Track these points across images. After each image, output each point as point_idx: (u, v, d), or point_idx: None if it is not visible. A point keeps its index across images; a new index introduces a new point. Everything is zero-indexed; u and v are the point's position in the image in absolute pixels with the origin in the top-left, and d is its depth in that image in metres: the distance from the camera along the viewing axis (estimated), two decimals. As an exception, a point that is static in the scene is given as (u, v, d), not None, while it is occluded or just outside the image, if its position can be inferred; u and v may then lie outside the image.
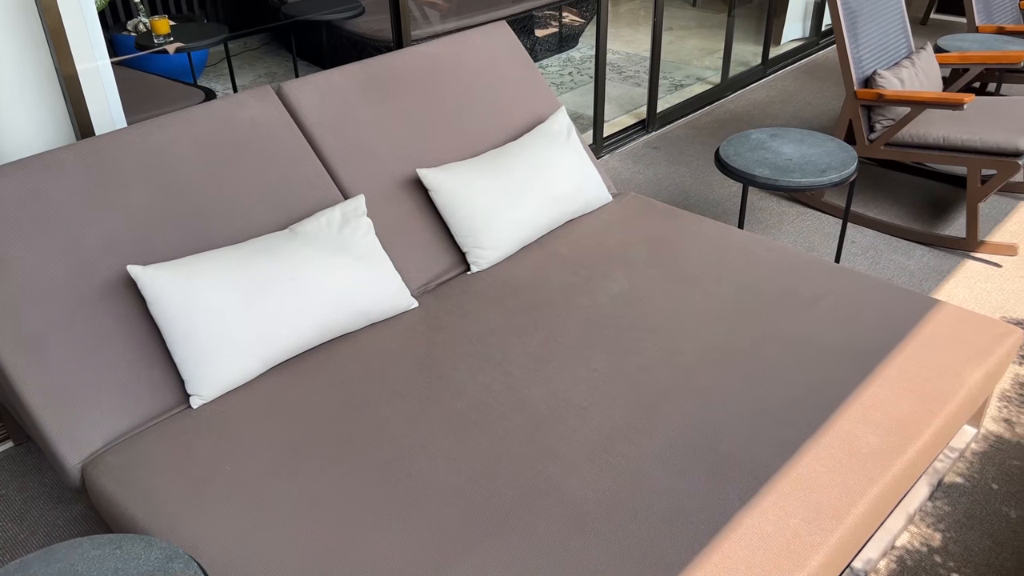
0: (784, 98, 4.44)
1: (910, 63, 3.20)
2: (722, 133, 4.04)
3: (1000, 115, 3.02)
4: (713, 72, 4.78)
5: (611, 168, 3.73)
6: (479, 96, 2.47)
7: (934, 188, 3.45)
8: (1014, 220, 3.18)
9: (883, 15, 3.26)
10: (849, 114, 3.10)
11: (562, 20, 5.02)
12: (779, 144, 2.66)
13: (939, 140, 2.93)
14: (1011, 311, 2.65)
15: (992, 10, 3.88)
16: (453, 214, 2.17)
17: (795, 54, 5.06)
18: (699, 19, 5.77)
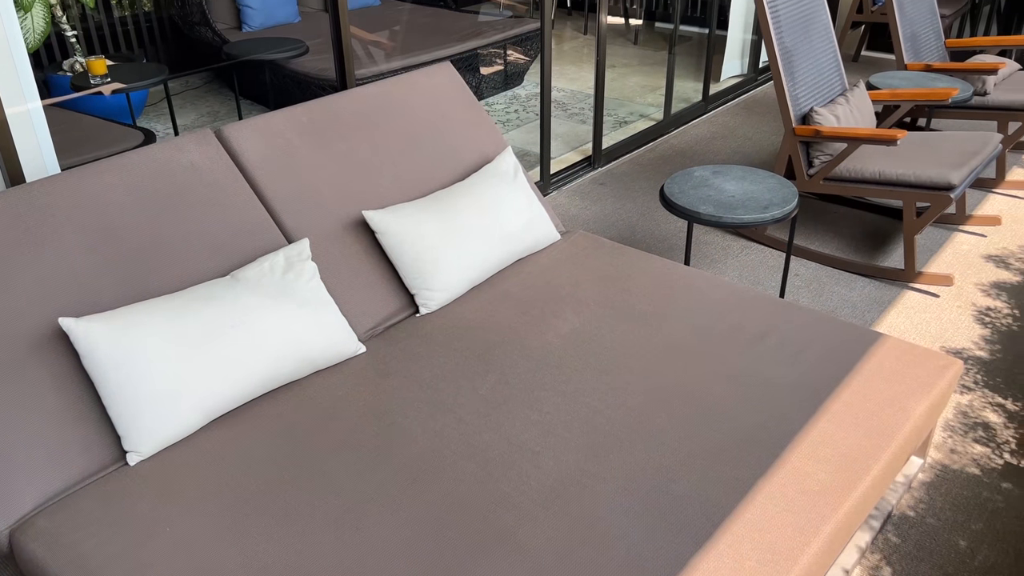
0: (725, 133, 4.54)
1: (845, 100, 3.30)
2: (666, 168, 4.10)
3: (932, 150, 3.12)
4: (656, 109, 4.87)
5: (559, 205, 3.75)
6: (425, 137, 2.46)
7: (873, 220, 3.55)
8: (949, 251, 3.28)
9: (817, 54, 3.36)
10: (788, 150, 3.18)
11: (507, 58, 5.07)
12: (722, 181, 2.70)
13: (875, 175, 3.02)
14: (950, 340, 2.72)
15: (919, 49, 4.04)
16: (401, 256, 2.14)
17: (734, 90, 5.19)
18: (641, 57, 5.89)
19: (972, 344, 2.69)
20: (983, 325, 2.79)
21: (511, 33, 4.88)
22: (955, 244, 3.33)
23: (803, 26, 3.30)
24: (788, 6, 3.23)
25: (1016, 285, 3.03)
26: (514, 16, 5.31)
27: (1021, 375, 2.54)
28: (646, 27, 6.48)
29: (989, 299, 2.95)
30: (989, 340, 2.71)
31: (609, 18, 6.61)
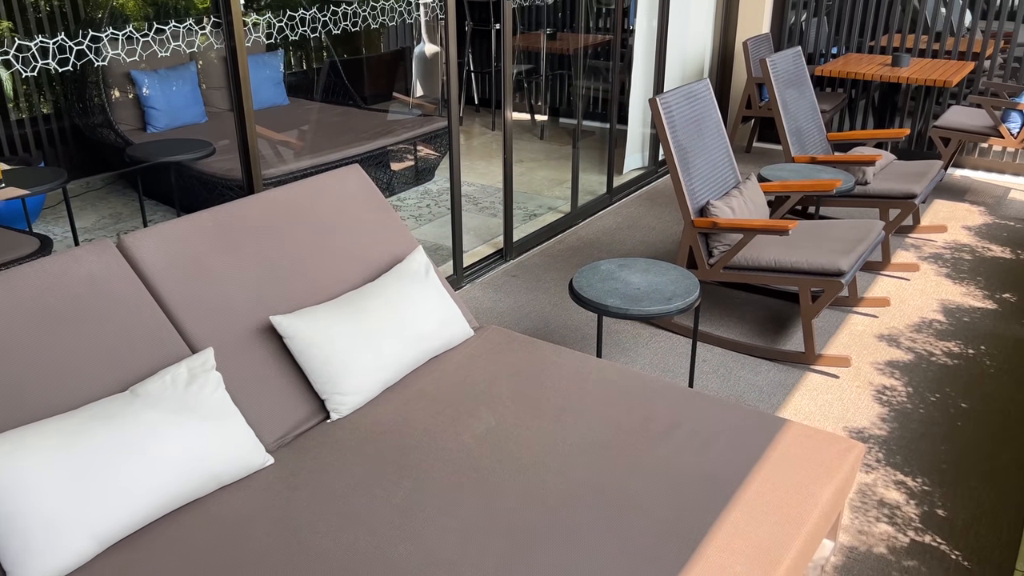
0: (630, 224, 4.71)
1: (739, 192, 3.49)
2: (576, 259, 4.21)
3: (822, 238, 3.31)
4: (563, 201, 5.02)
5: (472, 298, 3.77)
6: (334, 239, 2.46)
7: (773, 304, 3.70)
8: (845, 332, 3.44)
9: (710, 151, 3.56)
10: (689, 241, 3.31)
11: (418, 154, 5.17)
12: (627, 274, 2.79)
13: (771, 263, 3.17)
14: (851, 420, 2.82)
15: (804, 142, 4.32)
16: (310, 360, 2.10)
17: (637, 182, 5.41)
18: (547, 151, 6.10)
19: (872, 423, 2.81)
20: (881, 404, 2.92)
21: (421, 131, 4.99)
22: (850, 325, 3.50)
23: (696, 125, 3.50)
24: (681, 108, 3.43)
25: (908, 363, 3.19)
26: (424, 114, 5.44)
27: (919, 452, 2.65)
28: (551, 123, 6.73)
29: (885, 378, 3.09)
30: (887, 418, 2.83)
31: (515, 115, 6.85)
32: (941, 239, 4.38)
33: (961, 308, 3.63)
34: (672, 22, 5.37)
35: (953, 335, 3.40)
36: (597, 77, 6.18)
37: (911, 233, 4.47)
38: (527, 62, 6.61)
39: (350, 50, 5.12)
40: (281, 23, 2.79)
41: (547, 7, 4.77)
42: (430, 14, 3.91)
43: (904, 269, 4.00)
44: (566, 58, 6.57)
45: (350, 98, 5.16)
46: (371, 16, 3.18)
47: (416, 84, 5.89)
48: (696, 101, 3.56)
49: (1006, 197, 5.05)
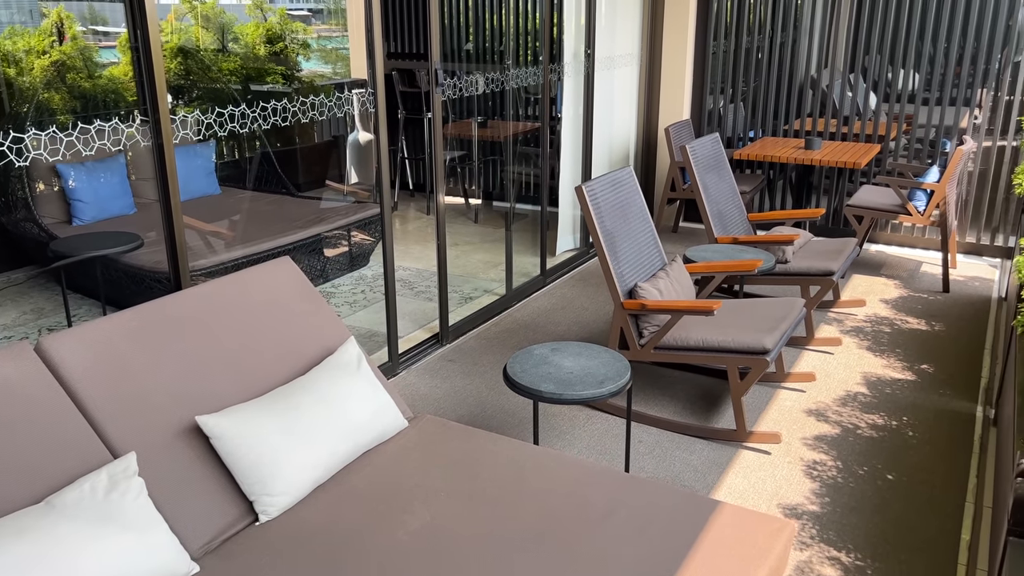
0: (564, 304, 4.78)
1: (665, 274, 3.59)
2: (512, 341, 4.23)
3: (747, 316, 3.42)
4: (499, 284, 5.07)
5: (408, 385, 3.75)
6: (264, 334, 2.44)
7: (705, 382, 3.78)
8: (774, 408, 3.52)
9: (636, 234, 3.67)
10: (620, 323, 3.38)
11: (352, 241, 5.18)
12: (560, 358, 2.82)
13: (700, 342, 3.25)
14: (784, 497, 2.87)
15: (726, 223, 4.49)
16: (237, 461, 2.05)
17: (570, 263, 5.52)
18: (481, 234, 6.19)
19: (805, 499, 2.85)
20: (812, 479, 2.98)
21: (355, 217, 5.02)
22: (779, 401, 3.58)
23: (621, 211, 3.61)
24: (606, 195, 3.55)
25: (836, 437, 3.28)
26: (358, 201, 5.48)
27: (851, 527, 2.70)
28: (485, 206, 6.86)
29: (815, 453, 3.16)
30: (819, 493, 2.89)
31: (449, 199, 6.96)
32: (861, 313, 4.57)
33: (883, 380, 3.76)
34: (597, 110, 5.59)
35: (877, 407, 3.51)
36: (528, 162, 6.36)
37: (832, 308, 4.64)
38: (460, 148, 6.76)
39: (283, 140, 5.17)
40: (210, 120, 2.81)
41: (478, 97, 4.93)
42: (362, 106, 4.00)
43: (827, 343, 4.14)
44: (498, 144, 6.74)
45: (283, 186, 5.18)
46: (301, 112, 3.24)
47: (350, 171, 5.95)
48: (620, 188, 3.69)
49: (919, 270, 5.30)
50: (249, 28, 5.75)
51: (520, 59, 6.64)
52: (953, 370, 3.85)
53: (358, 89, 4.44)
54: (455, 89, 4.30)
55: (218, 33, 5.50)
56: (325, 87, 6.19)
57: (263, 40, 5.79)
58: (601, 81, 5.59)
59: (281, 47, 5.85)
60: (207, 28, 5.30)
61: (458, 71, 7.05)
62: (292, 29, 5.98)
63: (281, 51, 5.85)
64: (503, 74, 4.83)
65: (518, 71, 4.96)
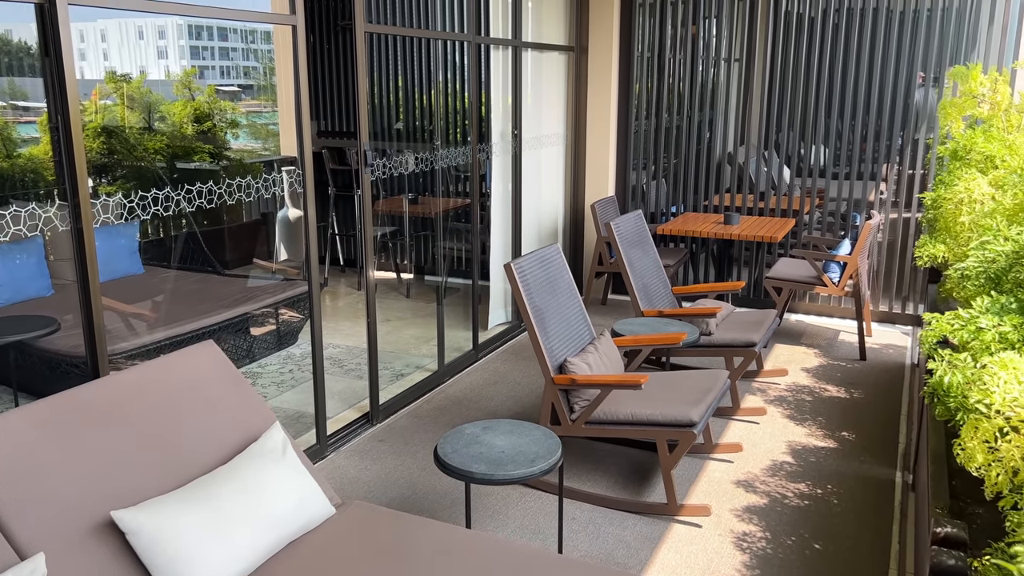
0: (497, 379, 4.78)
1: (594, 348, 3.64)
2: (444, 418, 4.20)
3: (674, 389, 3.48)
4: (431, 359, 5.05)
5: (337, 467, 3.67)
6: (185, 422, 2.37)
7: (636, 455, 3.81)
8: (704, 480, 3.56)
9: (565, 310, 3.73)
10: (551, 398, 3.40)
11: (280, 319, 5.12)
12: (491, 437, 2.82)
13: (629, 416, 3.29)
14: (716, 571, 2.88)
15: (651, 296, 4.61)
16: (155, 557, 1.97)
17: (502, 337, 5.55)
18: (413, 309, 6.19)
19: (736, 572, 2.87)
20: (742, 551, 3.01)
21: (283, 296, 4.97)
22: (708, 473, 3.63)
23: (550, 287, 3.68)
24: (535, 271, 3.61)
25: (764, 507, 3.33)
26: (286, 279, 5.44)
27: (780, 597, 2.73)
28: (417, 281, 6.88)
29: (744, 524, 3.20)
30: (750, 566, 2.91)
31: (381, 274, 6.96)
32: (784, 382, 4.70)
33: (807, 448, 3.85)
34: (525, 187, 5.72)
35: (802, 476, 3.59)
36: (459, 237, 6.43)
37: (756, 378, 4.77)
38: (392, 224, 6.80)
39: (211, 217, 5.12)
40: (132, 203, 2.78)
41: (409, 173, 5.00)
42: (292, 184, 4.01)
43: (753, 413, 4.23)
44: (429, 220, 6.81)
45: (210, 265, 5.11)
46: (227, 194, 3.23)
47: (279, 248, 5.92)
48: (549, 265, 3.76)
49: (837, 339, 5.51)
50: (177, 107, 5.74)
51: (450, 138, 6.79)
52: (872, 436, 3.98)
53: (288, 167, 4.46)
54: (384, 169, 4.36)
55: (144, 112, 5.47)
56: (254, 165, 6.20)
57: (191, 119, 5.78)
58: (528, 159, 5.74)
59: (209, 126, 5.85)
60: (132, 107, 5.27)
61: (389, 149, 7.15)
62: (221, 108, 6.00)
63: (209, 130, 5.84)
64: (432, 153, 4.92)
65: (448, 150, 5.07)
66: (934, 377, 2.11)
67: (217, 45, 6.36)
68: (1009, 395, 1.80)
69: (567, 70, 6.26)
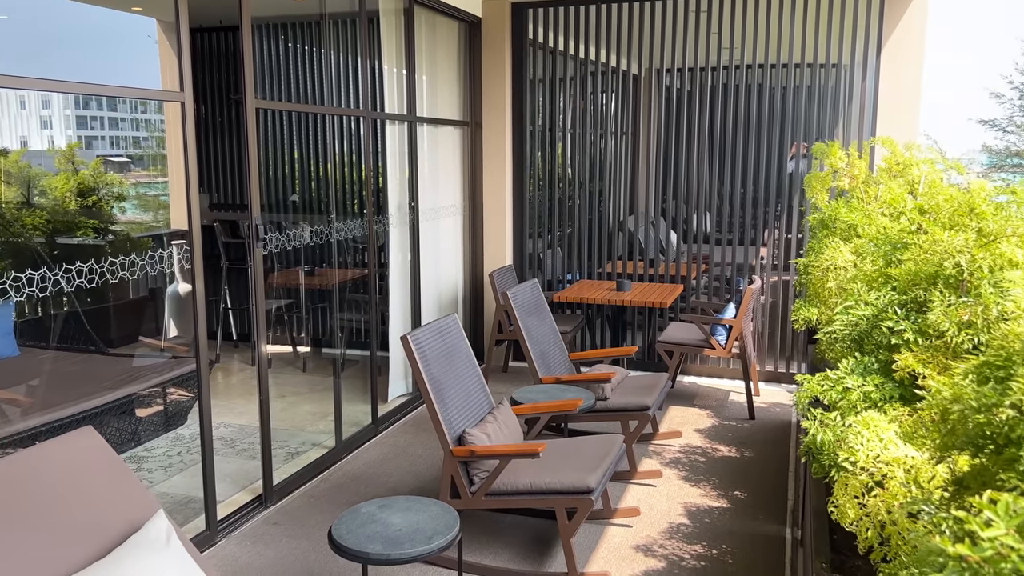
0: (397, 453, 4.71)
1: (493, 418, 3.66)
2: (342, 497, 4.10)
3: (571, 456, 3.52)
4: (328, 435, 4.94)
5: (228, 554, 3.51)
6: (60, 515, 2.24)
7: (536, 524, 3.80)
8: (603, 546, 3.59)
9: (463, 380, 3.74)
10: (450, 471, 3.38)
11: (168, 399, 4.91)
12: (388, 515, 2.77)
13: (528, 486, 3.30)
14: (616, 638, 2.89)
15: (549, 363, 4.68)
16: (21, 667, 1.83)
17: (403, 409, 5.49)
18: (310, 384, 6.06)
19: (635, 638, 2.89)
20: (641, 616, 3.03)
21: (170, 375, 4.78)
22: (608, 538, 3.66)
23: (447, 358, 3.69)
24: (432, 342, 3.62)
25: (662, 571, 3.38)
26: (175, 356, 5.25)
27: (679, 661, 2.76)
28: (314, 354, 6.75)
29: (643, 588, 3.23)
30: (649, 630, 2.94)
31: (277, 348, 6.80)
32: (678, 443, 4.82)
33: (702, 509, 3.95)
34: (424, 257, 5.77)
35: (698, 537, 3.67)
36: (358, 308, 6.38)
37: (652, 440, 4.87)
38: (288, 296, 6.69)
39: (94, 295, 4.91)
40: (5, 285, 2.66)
41: (306, 245, 4.96)
42: (181, 259, 3.91)
43: (649, 476, 4.32)
44: (327, 292, 6.74)
45: (93, 344, 4.88)
46: (111, 271, 3.13)
47: (169, 325, 5.72)
48: (446, 335, 3.78)
49: (727, 399, 5.71)
50: (59, 181, 5.54)
51: (347, 210, 6.79)
52: (763, 494, 4.11)
53: (178, 240, 4.36)
54: (278, 242, 4.32)
55: (23, 187, 5.26)
56: (142, 240, 6.01)
57: (74, 193, 5.59)
58: (426, 230, 5.80)
59: (94, 200, 5.66)
60: (10, 182, 5.06)
61: (284, 222, 7.09)
62: (107, 181, 5.82)
63: (94, 204, 5.65)
64: (329, 225, 4.92)
65: (344, 222, 5.07)
66: (808, 436, 2.23)
67: (106, 115, 6.22)
68: (872, 452, 1.93)
69: (462, 143, 6.41)
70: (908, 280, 2.33)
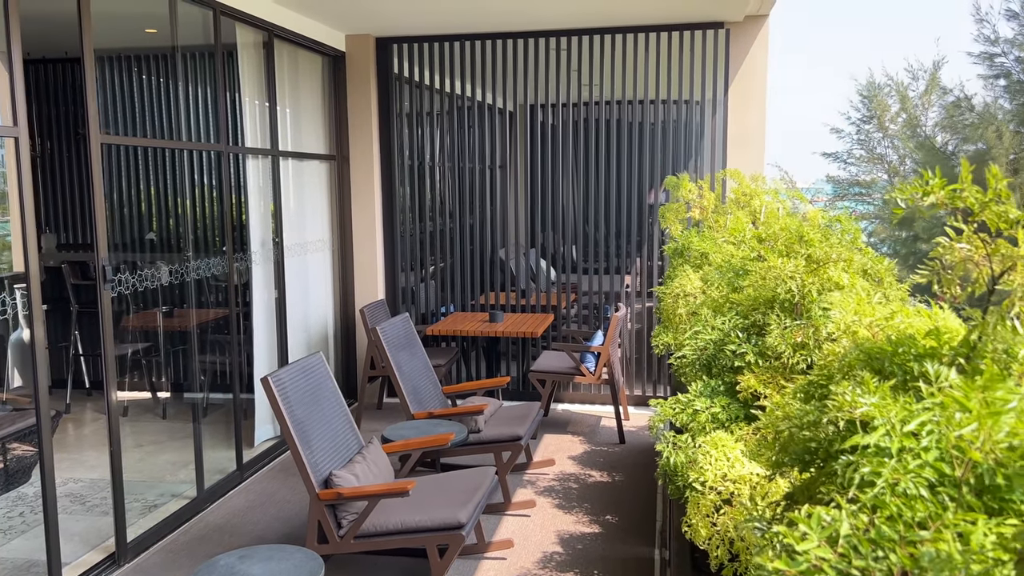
0: (264, 500, 4.53)
1: (362, 457, 3.58)
2: (202, 551, 3.89)
3: (442, 491, 3.49)
4: (189, 485, 4.69)
5: (74, 621, 3.25)
6: None
7: (408, 564, 3.73)
8: (477, 580, 3.57)
9: (330, 420, 3.65)
10: (317, 515, 3.27)
11: (8, 452, 4.53)
12: (248, 566, 2.65)
13: (398, 525, 3.24)
14: (490, 674, 2.86)
15: (422, 398, 4.64)
16: None
17: (270, 453, 5.29)
18: (170, 431, 5.75)
19: (509, 672, 2.87)
20: (515, 649, 3.02)
21: (10, 429, 4.42)
22: (482, 573, 3.64)
23: (312, 398, 3.59)
24: (296, 383, 3.52)
25: (535, 601, 3.38)
26: (17, 409, 4.86)
27: None
28: (175, 400, 6.41)
29: (517, 621, 3.22)
30: (522, 663, 2.92)
31: (134, 394, 6.42)
32: (552, 472, 4.87)
33: (575, 536, 3.99)
34: (291, 295, 5.61)
35: (572, 564, 3.70)
36: (221, 350, 6.12)
37: (527, 470, 4.90)
38: (145, 339, 6.34)
39: (-81, 345, 4.50)
40: None
41: (163, 285, 4.72)
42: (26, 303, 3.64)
43: (523, 506, 4.33)
44: (187, 333, 6.43)
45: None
46: (-70, 321, 2.87)
47: (12, 375, 5.30)
48: (311, 374, 3.68)
49: (599, 425, 5.83)
50: None
51: (208, 248, 6.53)
52: (633, 517, 4.20)
53: (20, 284, 4.07)
54: (132, 284, 4.10)
55: None
56: (-24, 284, 5.56)
57: None
58: (293, 266, 5.66)
59: (-81, 241, 5.21)
60: None
61: (140, 261, 6.74)
62: (-64, 221, 5.37)
63: (-81, 246, 5.20)
64: (186, 264, 4.71)
65: (205, 260, 4.87)
66: (663, 459, 2.30)
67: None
68: (720, 471, 2.01)
69: (330, 177, 6.32)
70: (749, 305, 2.46)
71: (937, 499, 1.07)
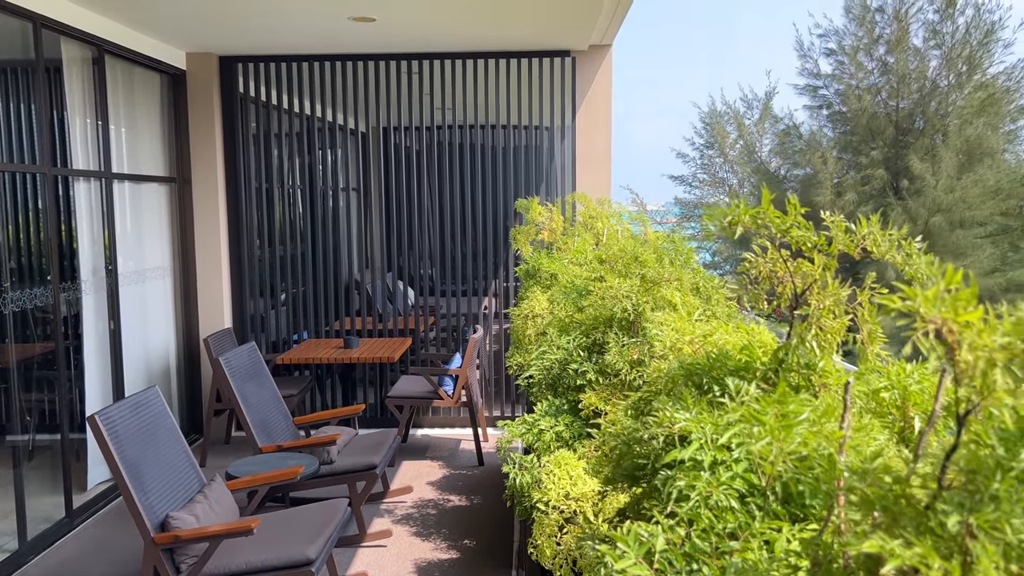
0: (97, 547, 4.19)
1: (203, 497, 3.38)
2: (24, 609, 3.54)
3: (291, 528, 3.34)
4: (9, 538, 4.27)
5: None
6: None
7: (258, 606, 3.55)
8: (330, 617, 3.43)
9: (167, 459, 3.43)
10: (152, 561, 3.06)
11: None
12: (68, 624, 2.43)
13: (243, 566, 3.07)
14: None
15: (271, 431, 4.45)
16: None
17: (106, 496, 4.91)
18: (-11, 479, 5.22)
19: None
20: None
21: None
22: (335, 608, 3.51)
23: (147, 436, 3.37)
24: (127, 420, 3.28)
25: (391, 634, 3.29)
26: None
27: None
28: (-5, 444, 5.84)
29: (371, 656, 3.12)
30: None
31: (-54, 440, 5.80)
32: (410, 499, 4.79)
33: (432, 564, 3.93)
34: (127, 326, 5.27)
35: (428, 592, 3.64)
36: (49, 388, 5.65)
37: (384, 499, 4.80)
38: (-41, 379, 5.75)
39: None
40: None
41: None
42: None
43: (379, 537, 4.23)
44: (6, 371, 5.89)
45: None
46: None
47: None
48: (145, 410, 3.45)
49: (458, 448, 5.80)
50: None
51: (30, 278, 6.03)
52: (491, 540, 4.19)
53: None
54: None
55: None
56: None
57: None
58: (130, 296, 5.31)
59: None
60: None
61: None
62: None
63: None
64: (1, 296, 4.32)
65: (27, 291, 4.49)
66: (509, 480, 2.30)
67: None
68: (562, 490, 2.02)
69: (170, 201, 6.00)
70: (590, 324, 2.52)
71: (746, 509, 1.11)
